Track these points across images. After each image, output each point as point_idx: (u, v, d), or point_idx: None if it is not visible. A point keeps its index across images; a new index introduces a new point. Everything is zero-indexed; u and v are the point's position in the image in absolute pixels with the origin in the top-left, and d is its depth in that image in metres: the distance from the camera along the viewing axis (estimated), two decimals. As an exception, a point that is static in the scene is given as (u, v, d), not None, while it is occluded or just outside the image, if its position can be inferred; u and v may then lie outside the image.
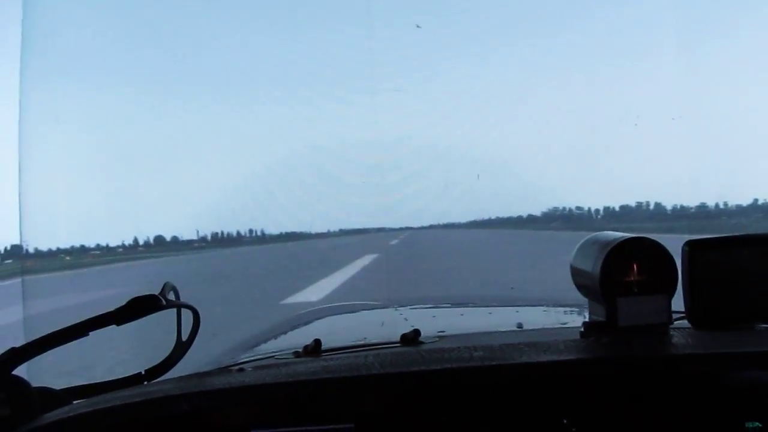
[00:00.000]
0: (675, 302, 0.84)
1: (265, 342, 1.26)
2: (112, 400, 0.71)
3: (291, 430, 0.72)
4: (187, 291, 0.90)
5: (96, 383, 0.86)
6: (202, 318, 0.88)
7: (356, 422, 0.72)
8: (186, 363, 0.92)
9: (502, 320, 1.23)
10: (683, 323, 0.88)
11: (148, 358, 0.91)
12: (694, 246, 0.87)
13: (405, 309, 1.48)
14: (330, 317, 1.63)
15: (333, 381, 0.71)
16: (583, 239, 0.90)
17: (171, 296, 0.85)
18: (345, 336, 1.14)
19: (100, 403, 0.71)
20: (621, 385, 0.74)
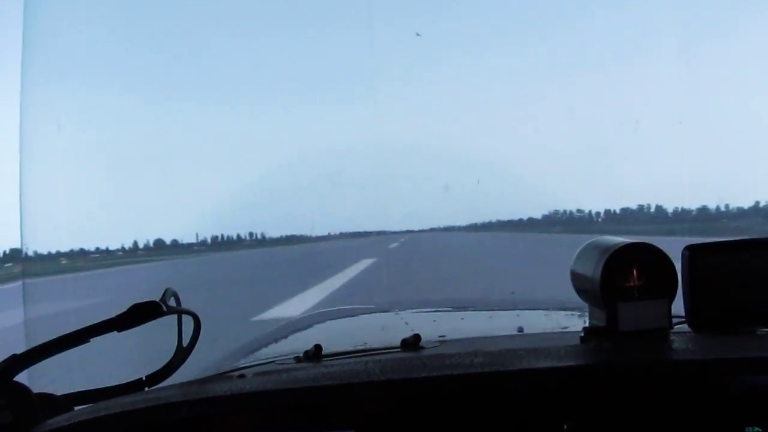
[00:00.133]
0: (675, 307, 0.84)
1: (266, 346, 1.26)
2: (113, 407, 0.71)
3: None
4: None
5: (97, 389, 0.86)
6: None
7: (357, 429, 0.72)
8: (187, 368, 0.92)
9: (503, 324, 1.23)
10: (683, 328, 0.88)
11: (149, 364, 0.91)
12: (695, 250, 0.87)
13: (405, 313, 1.48)
14: (330, 321, 1.63)
15: (333, 388, 0.71)
16: (583, 244, 0.91)
17: (172, 302, 0.85)
18: (345, 340, 1.14)
19: (101, 410, 0.71)
20: (622, 391, 0.74)
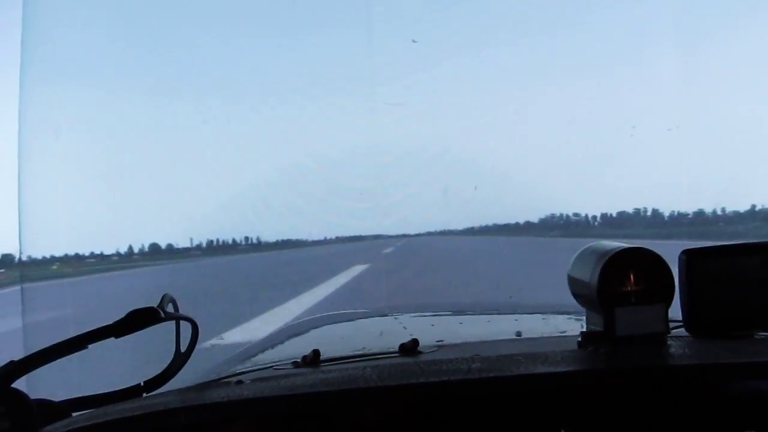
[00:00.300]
0: (672, 311, 0.85)
1: (264, 352, 1.26)
2: (111, 413, 0.71)
3: None
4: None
5: (95, 395, 0.86)
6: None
7: None
8: (185, 374, 0.92)
9: (501, 328, 1.23)
10: (681, 332, 0.88)
11: (147, 370, 0.90)
12: (692, 255, 0.87)
13: (404, 317, 1.48)
14: (329, 326, 1.63)
15: (332, 394, 0.71)
16: (581, 249, 0.91)
17: (170, 308, 0.85)
18: (344, 345, 1.14)
19: (99, 416, 0.71)
20: (619, 396, 0.74)
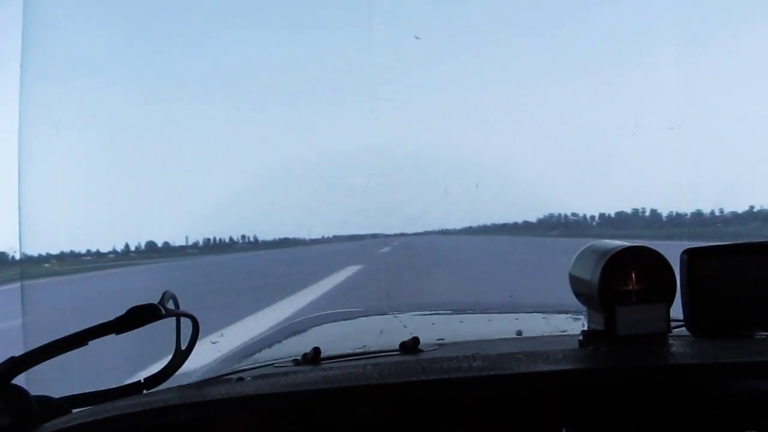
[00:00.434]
0: (674, 310, 0.84)
1: (265, 349, 1.26)
2: (111, 410, 0.71)
3: None
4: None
5: (95, 392, 0.86)
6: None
7: None
8: (185, 371, 0.92)
9: (502, 327, 1.23)
10: (682, 331, 0.88)
11: (147, 366, 0.90)
12: (693, 254, 0.87)
13: (404, 316, 1.48)
14: (329, 324, 1.63)
15: (332, 391, 0.71)
16: (582, 248, 0.91)
17: (170, 305, 0.85)
18: (344, 344, 1.14)
19: (99, 413, 0.71)
20: (620, 395, 0.74)
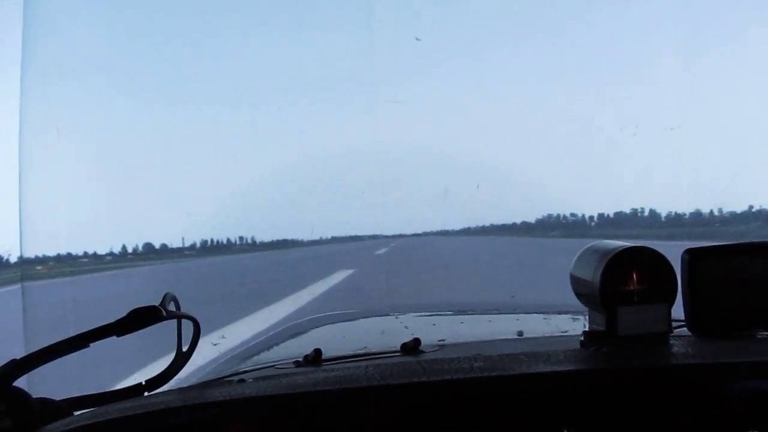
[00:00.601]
0: (675, 311, 0.84)
1: (266, 351, 1.26)
2: (113, 412, 0.71)
3: None
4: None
5: (96, 394, 0.86)
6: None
7: None
8: (186, 373, 0.92)
9: (503, 328, 1.23)
10: (683, 332, 0.88)
11: (149, 369, 0.90)
12: (694, 254, 0.87)
13: (405, 317, 1.48)
14: (330, 325, 1.63)
15: (333, 393, 0.71)
16: (583, 248, 0.90)
17: (171, 307, 0.85)
18: (345, 345, 1.14)
19: (101, 415, 0.71)
20: (621, 395, 0.74)
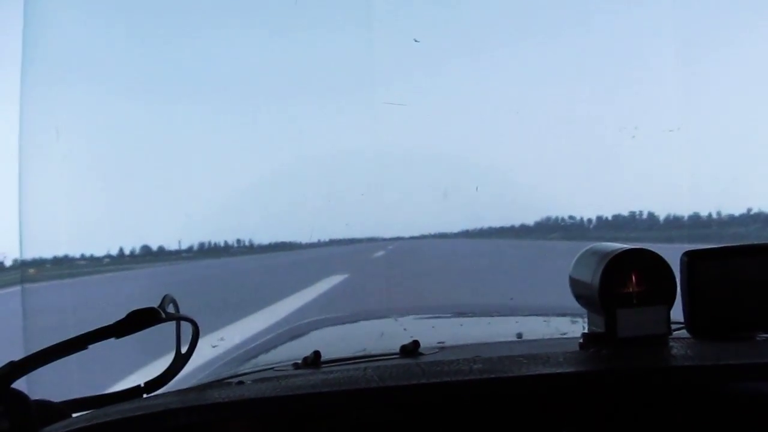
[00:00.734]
0: (674, 313, 0.84)
1: (265, 353, 1.26)
2: (111, 414, 0.71)
3: None
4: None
5: (95, 396, 0.86)
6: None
7: None
8: (185, 375, 0.92)
9: (502, 330, 1.23)
10: (683, 334, 0.88)
11: (148, 370, 0.90)
12: (693, 256, 0.87)
13: (404, 319, 1.48)
14: (329, 327, 1.63)
15: (332, 395, 0.71)
16: (582, 250, 0.90)
17: (170, 309, 0.85)
18: (344, 347, 1.14)
19: (99, 417, 0.71)
20: (621, 397, 0.74)
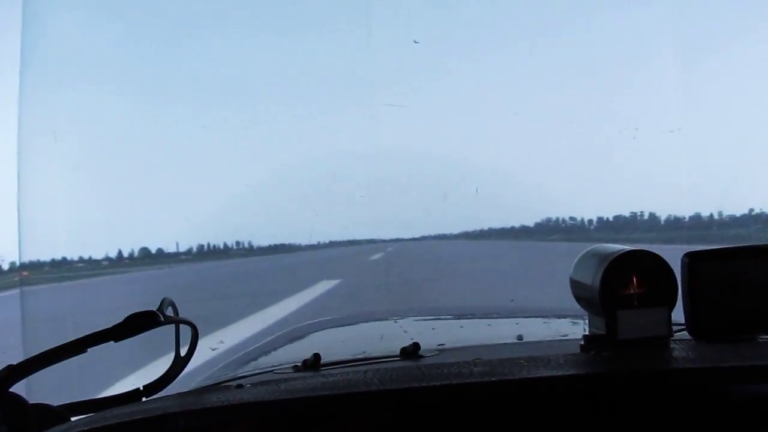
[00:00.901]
0: (675, 314, 0.84)
1: (265, 356, 1.26)
2: (110, 418, 0.71)
3: None
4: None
5: (94, 399, 0.86)
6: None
7: None
8: (184, 378, 0.92)
9: (502, 332, 1.23)
10: (684, 335, 0.88)
11: (146, 374, 0.90)
12: (694, 257, 0.87)
13: (404, 321, 1.48)
14: (329, 330, 1.62)
15: (332, 398, 0.70)
16: (582, 252, 0.90)
17: (169, 312, 0.85)
18: (344, 349, 1.14)
19: (98, 421, 0.70)
20: (622, 400, 0.74)
